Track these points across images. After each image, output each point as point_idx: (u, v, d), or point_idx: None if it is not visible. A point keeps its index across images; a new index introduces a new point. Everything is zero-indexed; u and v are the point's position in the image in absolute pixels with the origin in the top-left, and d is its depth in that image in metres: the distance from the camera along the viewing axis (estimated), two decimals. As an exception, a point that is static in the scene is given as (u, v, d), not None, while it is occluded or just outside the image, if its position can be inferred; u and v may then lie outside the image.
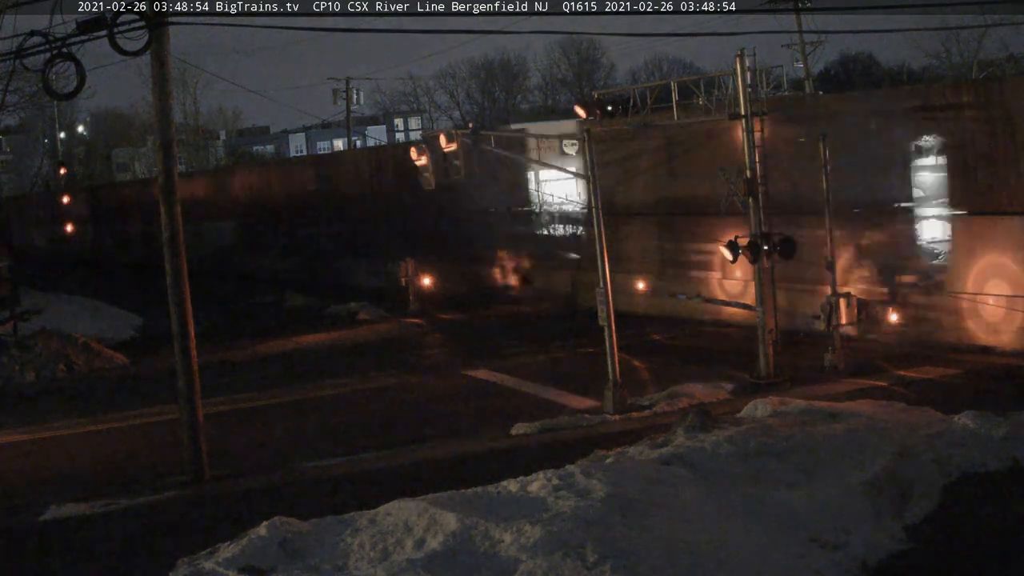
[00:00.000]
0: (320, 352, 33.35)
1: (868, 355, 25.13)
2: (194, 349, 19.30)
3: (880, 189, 26.97)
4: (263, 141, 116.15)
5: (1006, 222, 24.65)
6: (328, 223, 52.10)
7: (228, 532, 14.55)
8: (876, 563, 13.15)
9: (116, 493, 18.47)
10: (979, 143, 24.98)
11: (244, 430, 23.41)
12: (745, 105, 23.73)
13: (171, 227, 19.16)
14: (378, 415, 24.33)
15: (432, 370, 29.08)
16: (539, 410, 22.65)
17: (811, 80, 52.95)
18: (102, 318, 42.76)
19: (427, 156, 23.90)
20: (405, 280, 40.24)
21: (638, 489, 14.35)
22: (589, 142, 22.96)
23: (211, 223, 60.10)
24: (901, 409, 19.28)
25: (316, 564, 13.30)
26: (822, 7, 51.39)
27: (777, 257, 23.88)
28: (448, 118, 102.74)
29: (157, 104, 19.14)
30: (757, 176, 23.90)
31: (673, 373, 25.13)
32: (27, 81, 33.97)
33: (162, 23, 18.15)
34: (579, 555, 12.32)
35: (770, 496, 14.87)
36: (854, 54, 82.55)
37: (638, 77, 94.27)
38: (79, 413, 26.15)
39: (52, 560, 15.34)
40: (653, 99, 26.67)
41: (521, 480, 14.98)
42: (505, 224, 40.61)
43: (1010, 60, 56.03)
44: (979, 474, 15.94)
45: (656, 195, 34.12)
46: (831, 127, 25.32)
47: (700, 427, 17.83)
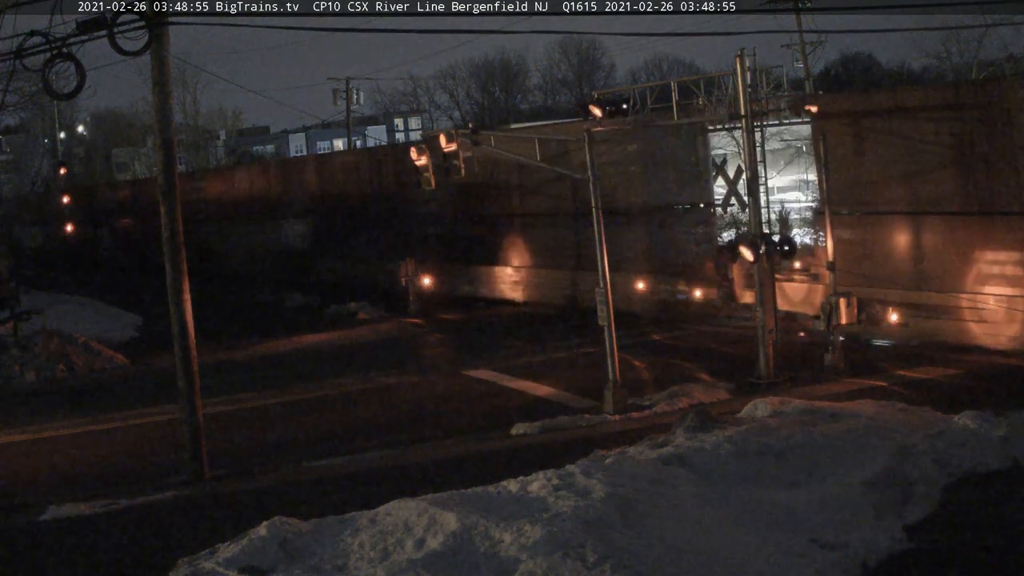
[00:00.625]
0: (320, 352, 33.34)
1: (866, 354, 25.14)
2: (194, 349, 19.30)
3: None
4: (263, 141, 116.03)
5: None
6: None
7: (228, 532, 14.53)
8: (876, 563, 13.15)
9: (116, 493, 18.46)
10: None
11: (244, 430, 23.41)
12: (745, 105, 23.73)
13: (171, 226, 19.15)
14: (378, 415, 24.32)
15: (432, 370, 29.08)
16: (539, 410, 22.65)
17: (811, 80, 52.88)
18: (102, 318, 42.79)
19: (427, 156, 23.89)
20: (405, 280, 40.24)
21: (638, 489, 14.35)
22: (589, 142, 22.98)
23: (273, 223, 55.09)
24: (901, 409, 19.27)
25: (316, 564, 13.29)
26: (822, 7, 51.40)
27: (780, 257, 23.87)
28: (448, 118, 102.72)
29: (157, 104, 19.14)
30: (756, 176, 23.92)
31: (673, 373, 25.14)
32: (27, 81, 33.92)
33: (162, 23, 18.15)
34: (579, 555, 12.31)
35: (770, 496, 14.87)
36: (854, 54, 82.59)
37: (638, 77, 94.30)
38: (79, 413, 26.15)
39: (52, 560, 15.32)
40: (653, 99, 26.69)
41: (521, 480, 14.98)
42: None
43: (1010, 60, 55.97)
44: (979, 474, 15.95)
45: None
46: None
47: (700, 427, 17.82)
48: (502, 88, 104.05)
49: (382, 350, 32.74)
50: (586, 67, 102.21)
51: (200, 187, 62.49)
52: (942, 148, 26.21)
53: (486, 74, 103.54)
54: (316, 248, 51.93)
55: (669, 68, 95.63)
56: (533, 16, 40.47)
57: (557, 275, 38.51)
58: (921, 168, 26.81)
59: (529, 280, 40.07)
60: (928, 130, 26.43)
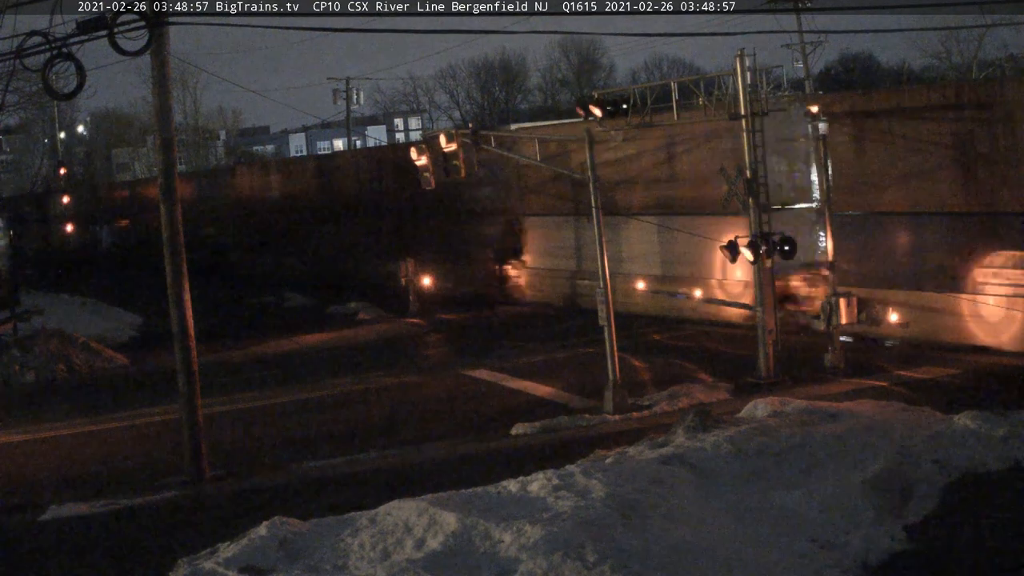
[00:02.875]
0: (320, 352, 33.33)
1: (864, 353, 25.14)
2: (194, 349, 19.29)
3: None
4: (263, 141, 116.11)
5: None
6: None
7: (228, 532, 14.53)
8: (876, 563, 13.14)
9: (116, 493, 18.46)
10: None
11: (244, 430, 23.40)
12: (745, 105, 23.72)
13: (171, 227, 19.15)
14: (378, 415, 24.32)
15: (432, 370, 29.08)
16: (539, 410, 22.65)
17: (811, 80, 52.91)
18: (102, 318, 42.81)
19: (427, 156, 23.90)
20: (405, 280, 40.22)
21: (638, 489, 14.35)
22: (590, 142, 22.97)
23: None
24: (901, 409, 19.26)
25: (316, 564, 13.29)
26: (822, 7, 51.42)
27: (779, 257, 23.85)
28: (448, 118, 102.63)
29: (157, 104, 19.14)
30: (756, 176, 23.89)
31: (673, 373, 25.14)
32: (27, 81, 33.94)
33: (162, 23, 18.14)
34: (579, 555, 12.31)
35: (770, 496, 14.86)
36: (854, 54, 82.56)
37: (638, 77, 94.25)
38: (79, 413, 26.15)
39: (52, 560, 15.32)
40: (653, 99, 26.67)
41: (521, 480, 14.98)
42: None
43: (1010, 60, 55.98)
44: (979, 474, 15.93)
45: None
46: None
47: (700, 427, 17.82)
48: (502, 88, 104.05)
49: (382, 350, 32.73)
50: (586, 67, 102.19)
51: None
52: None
53: (486, 74, 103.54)
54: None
55: (669, 68, 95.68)
56: (533, 16, 40.42)
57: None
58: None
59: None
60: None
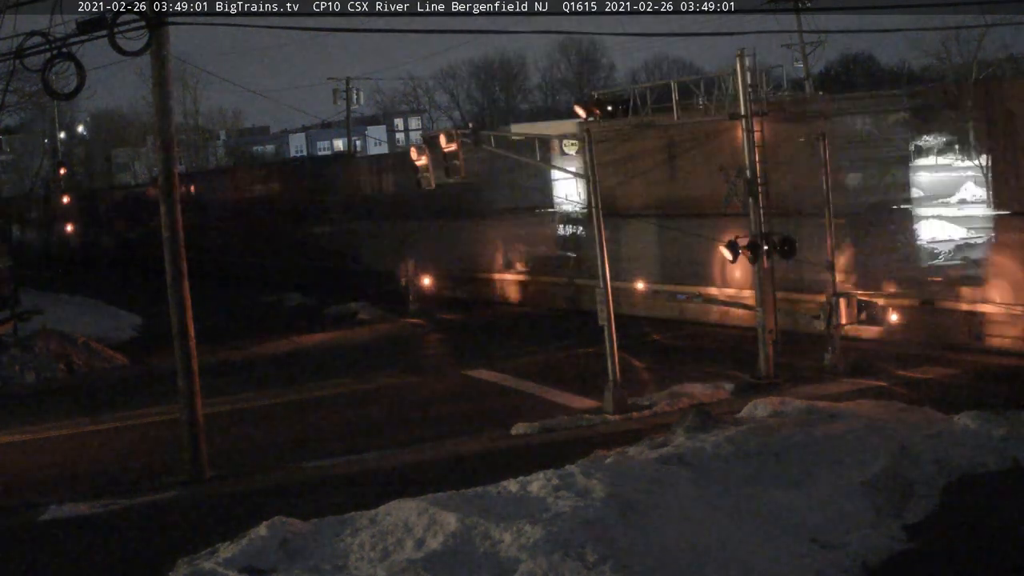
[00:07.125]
0: (320, 352, 33.33)
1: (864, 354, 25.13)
2: (194, 349, 19.29)
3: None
4: (263, 141, 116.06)
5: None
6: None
7: (228, 532, 14.54)
8: (876, 563, 13.15)
9: (116, 493, 18.46)
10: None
11: (244, 430, 23.40)
12: (745, 105, 23.72)
13: (171, 227, 19.14)
14: (378, 415, 24.31)
15: (432, 370, 29.08)
16: (539, 410, 22.64)
17: (811, 80, 52.85)
18: (102, 318, 42.78)
19: (427, 156, 23.88)
20: (405, 280, 40.19)
21: (638, 489, 14.34)
22: (589, 142, 22.98)
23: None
24: (901, 409, 19.26)
25: (316, 564, 13.29)
26: (822, 7, 51.32)
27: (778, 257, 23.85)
28: (448, 118, 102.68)
29: (157, 104, 19.14)
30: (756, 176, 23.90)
31: (673, 373, 25.13)
32: (27, 81, 33.94)
33: (162, 23, 18.16)
34: (579, 555, 12.32)
35: (770, 496, 14.86)
36: (854, 54, 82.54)
37: (638, 77, 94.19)
38: (79, 413, 26.14)
39: (52, 560, 15.33)
40: (653, 99, 26.71)
41: (521, 480, 14.97)
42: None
43: (1010, 60, 55.99)
44: (979, 474, 15.94)
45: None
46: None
47: (700, 427, 17.82)
48: (502, 88, 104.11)
49: (382, 350, 32.73)
50: (586, 67, 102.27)
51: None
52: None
53: (486, 74, 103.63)
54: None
55: (669, 68, 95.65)
56: (533, 16, 40.39)
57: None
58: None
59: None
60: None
